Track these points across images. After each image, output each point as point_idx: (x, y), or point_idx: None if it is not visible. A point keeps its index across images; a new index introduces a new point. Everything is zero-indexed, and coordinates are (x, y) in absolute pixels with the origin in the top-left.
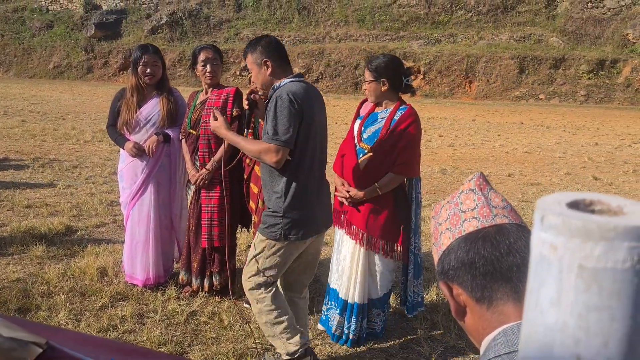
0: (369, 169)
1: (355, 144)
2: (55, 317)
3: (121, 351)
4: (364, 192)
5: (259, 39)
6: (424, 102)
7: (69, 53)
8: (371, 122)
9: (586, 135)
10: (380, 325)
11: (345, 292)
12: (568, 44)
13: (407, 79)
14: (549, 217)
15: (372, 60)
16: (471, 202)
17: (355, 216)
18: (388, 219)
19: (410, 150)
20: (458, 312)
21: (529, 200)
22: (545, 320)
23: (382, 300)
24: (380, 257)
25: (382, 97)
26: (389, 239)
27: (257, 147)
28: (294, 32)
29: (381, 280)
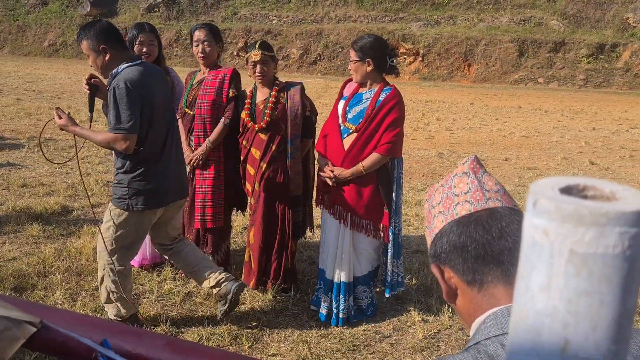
0: (354, 149)
1: (340, 124)
2: (51, 296)
3: (115, 331)
4: (349, 171)
5: (92, 24)
6: (422, 85)
7: (64, 31)
8: (356, 102)
9: (584, 119)
10: (367, 302)
11: (331, 271)
12: (568, 27)
13: (391, 59)
14: (542, 202)
15: (358, 40)
16: (464, 185)
17: (339, 196)
18: (372, 198)
19: (395, 130)
20: (449, 294)
21: (525, 185)
22: (535, 305)
23: (367, 277)
24: (363, 235)
25: (366, 77)
26: (373, 218)
27: (105, 138)
28: (292, 12)
29: (366, 258)
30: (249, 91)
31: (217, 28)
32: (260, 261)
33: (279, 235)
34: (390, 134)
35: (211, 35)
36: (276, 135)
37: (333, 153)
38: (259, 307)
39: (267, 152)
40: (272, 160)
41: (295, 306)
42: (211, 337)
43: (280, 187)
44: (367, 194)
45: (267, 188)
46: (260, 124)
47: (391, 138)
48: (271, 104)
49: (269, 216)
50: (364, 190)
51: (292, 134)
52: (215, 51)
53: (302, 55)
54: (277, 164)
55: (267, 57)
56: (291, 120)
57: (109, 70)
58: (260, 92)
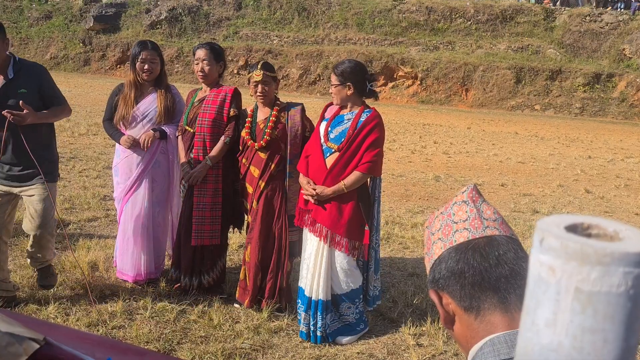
0: (336, 168)
1: (322, 144)
2: (44, 310)
3: (118, 350)
4: (331, 189)
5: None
6: (420, 108)
7: (66, 44)
8: (337, 123)
9: (580, 147)
10: (355, 318)
11: (310, 289)
12: (565, 56)
13: (370, 84)
14: (548, 240)
15: (339, 65)
16: (463, 213)
17: (320, 214)
18: (352, 217)
19: (375, 150)
20: (447, 320)
21: (521, 211)
22: (541, 340)
23: (351, 295)
24: (343, 254)
25: (347, 100)
26: (353, 237)
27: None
28: (293, 32)
29: (346, 276)
30: (250, 110)
31: (219, 48)
32: (255, 280)
33: (275, 254)
34: (371, 153)
35: (211, 55)
36: (275, 154)
37: (315, 172)
38: (253, 326)
39: (266, 170)
40: (270, 178)
41: (290, 326)
42: (204, 356)
43: (278, 206)
44: (347, 212)
45: (265, 206)
46: (260, 142)
47: (372, 157)
48: (272, 123)
49: (266, 234)
50: (344, 208)
51: (291, 154)
52: (214, 70)
53: (302, 75)
54: (276, 183)
55: (269, 77)
56: (291, 140)
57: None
58: (261, 111)
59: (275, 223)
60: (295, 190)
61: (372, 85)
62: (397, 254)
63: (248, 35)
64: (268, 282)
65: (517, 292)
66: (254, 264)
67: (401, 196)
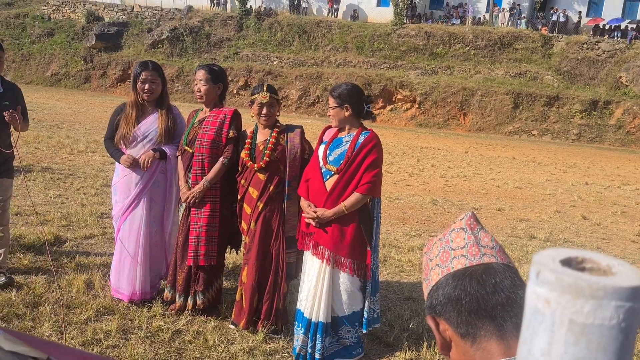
0: (336, 190)
1: (321, 167)
2: (39, 327)
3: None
4: (332, 211)
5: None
6: (418, 132)
7: (67, 62)
8: (336, 146)
9: (577, 174)
10: (353, 342)
11: (310, 311)
12: (562, 82)
13: (367, 106)
14: (544, 273)
15: (336, 87)
16: (461, 240)
17: (322, 236)
18: (354, 238)
19: (374, 170)
20: (443, 346)
21: (517, 236)
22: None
23: (351, 318)
24: (347, 275)
25: (345, 122)
26: (356, 257)
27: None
28: (294, 54)
29: (348, 298)
30: (250, 131)
31: (219, 70)
32: (252, 301)
33: (272, 276)
34: (370, 174)
35: (209, 76)
36: (274, 176)
37: (315, 195)
38: (248, 347)
39: (265, 192)
40: (269, 200)
41: (285, 348)
42: None
43: (276, 227)
44: (349, 233)
45: (263, 227)
46: (260, 163)
47: (371, 178)
48: (271, 145)
49: (263, 256)
50: (346, 230)
51: (290, 176)
52: (212, 92)
53: (301, 96)
54: (274, 204)
55: (274, 99)
56: (290, 162)
57: None
58: (261, 133)
59: (273, 244)
60: (293, 212)
61: (370, 107)
62: (394, 277)
63: (248, 56)
64: (264, 304)
65: (514, 320)
66: (251, 285)
67: (398, 219)
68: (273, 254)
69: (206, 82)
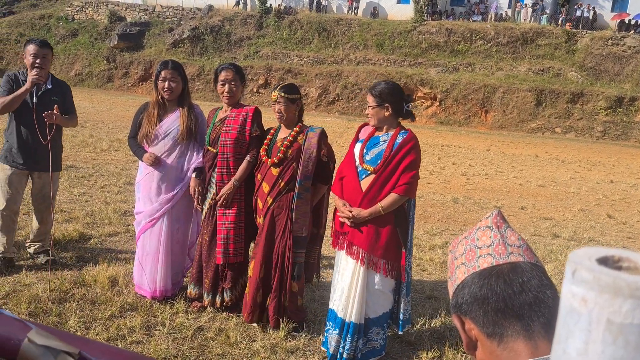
0: (372, 190)
1: (357, 166)
2: (65, 323)
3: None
4: (367, 211)
5: None
6: (439, 129)
7: (90, 62)
8: (373, 145)
9: (601, 172)
10: (381, 343)
11: (344, 311)
12: (587, 79)
13: (407, 105)
14: (581, 272)
15: (376, 86)
16: (487, 239)
17: (357, 236)
18: (389, 239)
19: (412, 172)
20: (469, 346)
21: (541, 235)
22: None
23: (382, 318)
24: (381, 276)
25: (384, 121)
26: (391, 258)
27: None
28: (313, 52)
29: (380, 299)
30: (274, 129)
31: (241, 68)
32: (255, 295)
33: (277, 273)
34: (407, 175)
35: (237, 76)
36: (286, 173)
37: (351, 194)
38: (270, 345)
39: (275, 187)
40: (278, 196)
41: (307, 346)
42: None
43: (283, 225)
44: (385, 234)
45: (270, 223)
46: (273, 159)
47: (409, 179)
48: (287, 142)
49: (269, 252)
50: (381, 231)
51: (302, 175)
52: (240, 91)
53: (321, 94)
54: (283, 201)
55: (285, 99)
56: (304, 161)
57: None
58: (282, 130)
59: (280, 241)
60: (303, 212)
61: (409, 106)
62: (415, 276)
63: (268, 55)
64: (272, 301)
65: (541, 319)
66: (255, 280)
67: (419, 217)
68: (279, 251)
69: (236, 82)
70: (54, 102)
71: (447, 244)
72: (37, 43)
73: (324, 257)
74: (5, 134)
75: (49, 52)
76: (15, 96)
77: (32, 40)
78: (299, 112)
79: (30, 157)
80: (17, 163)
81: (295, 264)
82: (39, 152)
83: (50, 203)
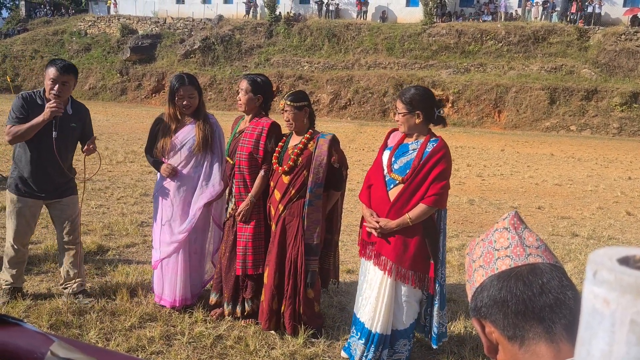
0: (400, 200)
1: (385, 175)
2: (85, 335)
3: None
4: (395, 222)
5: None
6: (452, 131)
7: (104, 75)
8: (402, 153)
9: (619, 168)
10: (406, 355)
11: (370, 322)
12: (600, 75)
13: (438, 110)
14: (602, 273)
15: (406, 92)
16: (505, 240)
17: (385, 247)
18: (418, 250)
19: (442, 182)
20: (490, 349)
21: (559, 234)
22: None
23: (409, 330)
24: (409, 287)
25: (414, 129)
26: (419, 269)
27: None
28: (324, 58)
29: (408, 310)
30: (285, 136)
31: (262, 81)
32: (271, 302)
33: (291, 280)
34: (437, 185)
35: (249, 87)
36: (297, 180)
37: (378, 204)
38: (289, 352)
39: (286, 194)
40: (289, 203)
41: (326, 352)
42: None
43: (294, 232)
44: (413, 245)
45: (282, 231)
46: (284, 167)
47: (438, 190)
48: (298, 150)
49: (282, 259)
50: (409, 242)
51: (312, 182)
52: (252, 102)
53: (333, 100)
54: (294, 209)
55: (291, 107)
56: (314, 168)
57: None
58: (293, 138)
59: (292, 249)
60: (314, 219)
61: (440, 112)
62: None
63: (279, 62)
64: (287, 308)
65: (563, 321)
66: (269, 287)
67: None
68: (292, 259)
69: (246, 92)
70: (73, 129)
71: (464, 246)
72: (59, 67)
73: (342, 262)
74: (15, 160)
75: (72, 79)
76: (30, 126)
77: (54, 62)
78: (309, 118)
79: (47, 188)
80: (32, 192)
81: (308, 271)
82: (57, 181)
83: (75, 224)
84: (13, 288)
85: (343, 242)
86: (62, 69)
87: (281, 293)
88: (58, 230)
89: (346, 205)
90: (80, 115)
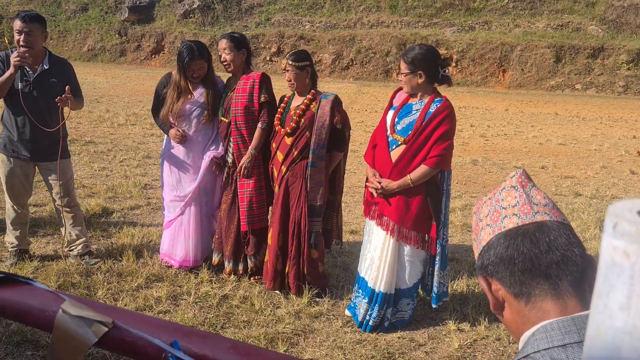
0: (402, 161)
1: (388, 135)
2: (93, 295)
3: (182, 334)
4: (396, 183)
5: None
6: (456, 91)
7: (102, 36)
8: (405, 114)
9: (623, 127)
10: (410, 314)
11: (374, 281)
12: (607, 32)
13: (443, 70)
14: (622, 225)
15: (409, 51)
16: (512, 199)
17: (387, 208)
18: (420, 210)
19: (445, 143)
20: (496, 306)
21: (562, 194)
22: (614, 323)
23: (412, 289)
24: (411, 247)
25: (418, 89)
26: (421, 230)
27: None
28: (325, 17)
29: (411, 270)
30: (287, 97)
31: (240, 36)
32: (275, 263)
33: (295, 241)
34: (440, 146)
35: (231, 44)
36: (300, 142)
37: (381, 164)
38: (294, 311)
39: (289, 156)
40: (292, 164)
41: (330, 311)
42: (247, 340)
43: (297, 193)
44: (415, 206)
45: (284, 192)
46: (286, 128)
47: (441, 151)
48: (300, 111)
49: (286, 220)
50: (412, 202)
51: (315, 143)
52: (238, 59)
53: (335, 60)
54: (297, 170)
55: (293, 67)
56: (317, 129)
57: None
58: (296, 98)
59: (295, 210)
60: (317, 181)
61: (445, 71)
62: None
63: (280, 22)
64: (291, 269)
65: (569, 278)
66: (274, 248)
67: None
68: (295, 219)
69: (230, 50)
70: (53, 84)
71: (467, 206)
72: (21, 17)
73: (345, 223)
74: (3, 121)
75: (36, 28)
76: (1, 82)
77: (18, 14)
78: (311, 78)
79: (32, 148)
80: (20, 154)
81: (312, 232)
82: (40, 142)
83: (68, 189)
84: (19, 250)
85: (346, 203)
86: (23, 18)
87: (285, 254)
88: (51, 193)
89: (349, 167)
90: (60, 69)
